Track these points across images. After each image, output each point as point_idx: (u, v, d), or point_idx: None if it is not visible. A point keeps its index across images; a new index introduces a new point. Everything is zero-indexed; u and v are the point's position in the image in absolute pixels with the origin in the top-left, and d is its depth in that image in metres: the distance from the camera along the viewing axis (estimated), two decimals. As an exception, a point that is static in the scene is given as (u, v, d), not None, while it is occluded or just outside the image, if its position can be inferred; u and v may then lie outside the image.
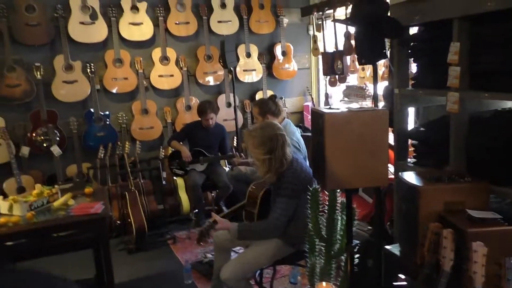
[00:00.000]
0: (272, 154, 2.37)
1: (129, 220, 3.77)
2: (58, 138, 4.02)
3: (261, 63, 4.88)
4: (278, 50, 4.96)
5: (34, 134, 4.04)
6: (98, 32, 4.15)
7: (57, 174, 4.01)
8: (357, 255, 2.24)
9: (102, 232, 2.41)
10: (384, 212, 2.78)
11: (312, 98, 5.14)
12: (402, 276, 1.76)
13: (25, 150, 4.03)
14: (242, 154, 3.97)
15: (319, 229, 2.39)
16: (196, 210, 4.08)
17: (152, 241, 3.89)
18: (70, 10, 4.03)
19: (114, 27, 4.19)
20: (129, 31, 4.29)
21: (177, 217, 4.33)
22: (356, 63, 4.41)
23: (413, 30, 2.41)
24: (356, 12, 2.14)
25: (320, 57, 4.79)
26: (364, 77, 4.39)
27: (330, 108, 1.92)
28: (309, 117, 5.13)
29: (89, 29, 4.12)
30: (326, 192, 2.31)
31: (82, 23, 4.08)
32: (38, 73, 3.96)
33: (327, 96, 5.03)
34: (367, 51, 2.11)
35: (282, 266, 3.02)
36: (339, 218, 2.38)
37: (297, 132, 3.31)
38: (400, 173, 2.09)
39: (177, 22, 4.47)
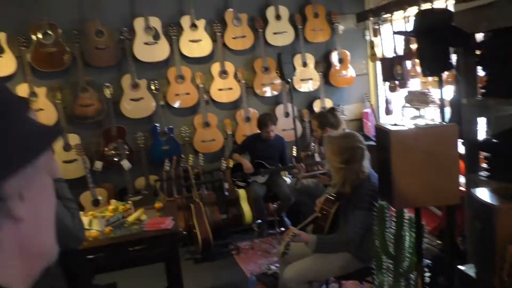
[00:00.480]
0: (349, 165, 2.37)
1: (194, 230, 3.92)
2: (127, 153, 4.28)
3: (317, 72, 4.86)
4: (334, 57, 4.92)
5: (106, 149, 4.32)
6: (160, 51, 4.37)
7: (128, 187, 4.26)
8: (428, 274, 2.18)
9: (172, 247, 2.54)
10: (455, 227, 2.66)
11: (371, 105, 5.03)
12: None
13: (98, 165, 4.32)
14: (302, 164, 3.98)
15: (386, 246, 2.34)
16: (259, 221, 4.15)
17: (216, 251, 4.00)
18: (135, 32, 4.28)
19: (175, 45, 4.38)
20: (189, 48, 4.46)
21: (239, 227, 4.42)
22: (417, 67, 4.27)
23: (479, 37, 2.30)
24: (419, 24, 2.09)
25: (378, 62, 4.69)
26: (426, 82, 4.22)
27: (395, 124, 1.89)
28: (369, 124, 5.04)
29: (153, 49, 4.34)
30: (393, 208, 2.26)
31: (146, 43, 4.32)
32: (108, 92, 4.24)
33: (387, 102, 4.89)
34: (431, 62, 2.05)
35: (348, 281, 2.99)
36: (407, 234, 2.32)
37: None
38: (472, 188, 2.00)
39: (234, 37, 4.58)
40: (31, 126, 0.43)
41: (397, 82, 4.35)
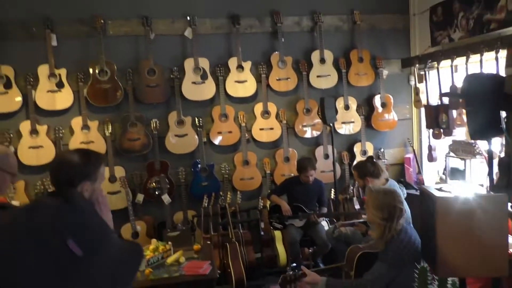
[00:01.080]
0: (388, 223, 2.36)
1: (229, 270, 3.92)
2: (168, 187, 4.41)
3: (359, 115, 4.87)
4: (377, 101, 4.91)
5: (148, 183, 4.47)
6: (207, 90, 4.54)
7: (167, 221, 4.36)
8: None
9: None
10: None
11: (413, 150, 4.95)
12: None
13: (140, 197, 4.47)
14: (339, 208, 3.94)
15: (428, 310, 2.26)
16: (294, 264, 4.11)
17: (249, 292, 3.97)
18: (184, 71, 4.48)
19: (221, 85, 4.54)
20: (234, 88, 4.61)
21: (273, 268, 4.37)
22: (463, 116, 4.18)
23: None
24: (468, 87, 2.08)
25: (422, 108, 4.63)
26: (473, 132, 4.12)
27: (441, 190, 1.86)
28: (410, 169, 4.94)
29: (200, 88, 4.52)
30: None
31: (194, 82, 4.50)
32: (154, 127, 4.42)
33: (430, 148, 4.80)
34: (481, 127, 2.02)
35: None
36: (450, 298, 2.24)
37: (402, 196, 3.20)
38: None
39: (278, 78, 4.69)
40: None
41: (441, 129, 4.27)
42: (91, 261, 0.48)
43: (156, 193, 4.43)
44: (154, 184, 4.46)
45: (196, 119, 4.53)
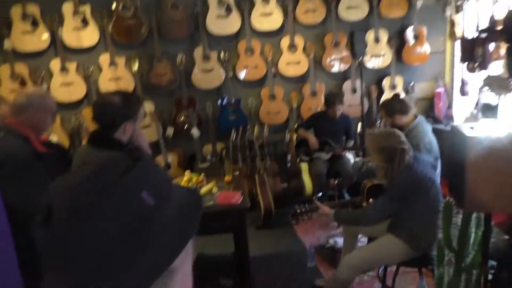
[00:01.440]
0: (390, 164, 2.42)
1: (257, 199, 4.12)
2: (196, 121, 4.51)
3: (390, 48, 4.71)
4: (409, 33, 4.71)
5: (177, 117, 4.58)
6: (232, 24, 4.44)
7: (196, 154, 4.52)
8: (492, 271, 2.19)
9: (241, 220, 2.73)
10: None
11: (445, 85, 4.82)
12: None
13: (170, 131, 4.60)
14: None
15: (450, 241, 2.36)
16: (320, 194, 4.26)
17: (276, 219, 4.18)
18: (208, 5, 4.37)
19: (246, 19, 4.43)
20: (260, 22, 4.49)
21: (300, 198, 4.56)
22: (501, 50, 4.01)
23: None
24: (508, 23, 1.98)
25: (457, 41, 4.44)
26: (509, 66, 3.96)
27: (472, 128, 1.86)
28: (440, 104, 4.86)
29: (224, 22, 4.43)
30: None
31: (218, 16, 4.40)
32: (181, 63, 4.43)
33: (463, 82, 4.68)
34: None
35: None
36: (473, 231, 2.33)
37: (430, 132, 3.19)
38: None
39: (306, 10, 4.53)
40: None
41: (476, 63, 4.11)
42: (162, 208, 0.54)
43: (185, 127, 4.56)
44: (183, 118, 4.57)
45: (222, 54, 4.49)
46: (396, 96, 3.47)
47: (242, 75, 4.63)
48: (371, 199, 2.80)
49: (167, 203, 0.56)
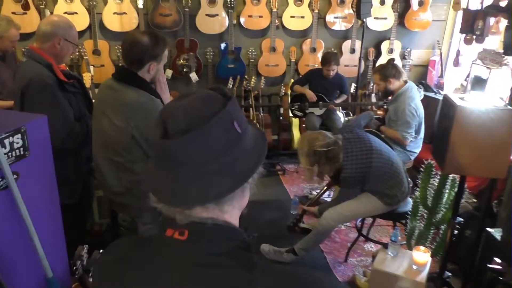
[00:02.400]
0: (320, 166, 2.64)
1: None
2: (196, 65, 4.58)
3: (394, 11, 4.76)
4: (415, -2, 4.75)
5: (177, 59, 4.62)
6: (241, -30, 4.40)
7: (193, 98, 4.61)
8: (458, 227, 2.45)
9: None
10: (494, 191, 2.86)
11: (441, 53, 4.94)
12: (498, 260, 1.96)
13: (168, 73, 4.66)
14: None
15: (426, 198, 2.61)
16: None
17: (265, 169, 4.39)
18: None
19: (256, -34, 4.39)
20: (269, -29, 4.46)
21: (288, 150, 4.77)
22: (500, 24, 4.12)
23: None
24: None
25: (460, 12, 4.51)
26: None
27: (463, 99, 2.03)
28: (433, 72, 5.00)
29: (234, -33, 4.38)
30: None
31: (228, -40, 4.34)
32: (186, 4, 4.41)
33: (458, 53, 4.81)
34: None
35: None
36: (447, 192, 2.57)
37: (418, 98, 3.35)
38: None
39: (316, -36, 4.49)
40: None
41: (474, 36, 4.23)
42: (245, 137, 0.71)
43: (184, 70, 4.62)
44: (182, 61, 4.62)
45: (229, 0, 4.48)
46: (391, 61, 3.60)
47: (246, 23, 4.64)
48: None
49: (246, 134, 0.72)
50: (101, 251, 1.47)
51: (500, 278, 1.87)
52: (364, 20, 4.18)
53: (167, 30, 4.51)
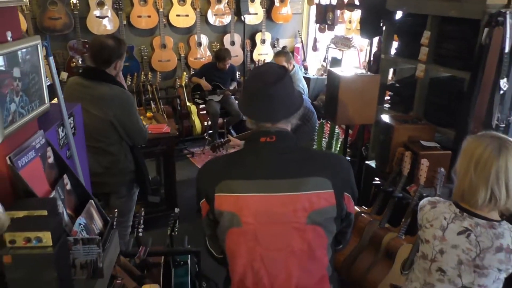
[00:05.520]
0: None
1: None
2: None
3: (262, 7, 5.62)
4: (277, -5, 5.69)
5: (71, 62, 4.72)
6: (127, -27, 4.70)
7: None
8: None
9: (171, 146, 3.37)
10: (362, 140, 3.91)
11: (302, 41, 6.01)
12: (377, 179, 2.89)
13: (64, 75, 4.67)
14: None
15: (322, 148, 3.49)
16: (210, 131, 5.06)
17: (175, 154, 4.85)
18: (104, -48, 4.53)
19: (141, -30, 4.74)
20: (153, -26, 4.86)
21: (191, 136, 5.30)
22: (345, 15, 5.30)
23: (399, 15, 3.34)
24: (363, 0, 3.04)
25: (313, 6, 5.59)
26: (350, 29, 5.31)
27: (342, 71, 2.90)
28: (299, 57, 6.05)
29: (120, -29, 4.66)
30: (329, 125, 3.38)
31: (113, -36, 4.61)
32: (75, 7, 4.54)
33: (315, 40, 5.92)
34: (369, 28, 3.05)
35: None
36: (334, 143, 3.49)
37: (303, 79, 4.24)
38: (380, 114, 3.15)
39: (194, -33, 5.05)
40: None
41: (326, 25, 5.35)
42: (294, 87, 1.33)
43: (80, 71, 4.73)
44: (77, 63, 4.73)
45: (116, 1, 4.74)
46: (285, 48, 4.40)
47: (135, 23, 4.96)
48: None
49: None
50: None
51: (381, 187, 2.79)
52: (245, 17, 4.92)
53: (58, 33, 4.58)
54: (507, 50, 2.43)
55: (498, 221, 1.40)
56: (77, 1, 4.54)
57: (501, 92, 2.55)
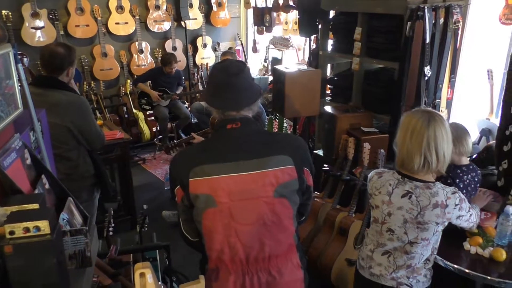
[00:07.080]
0: None
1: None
2: (31, 79, 4.59)
3: (201, 12, 5.74)
4: (213, 0, 5.83)
5: (7, 75, 4.54)
6: (61, -18, 4.62)
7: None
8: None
9: (126, 150, 3.40)
10: (308, 132, 4.15)
11: (241, 43, 6.21)
12: (326, 165, 3.13)
13: (0, 90, 4.53)
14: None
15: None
16: (160, 136, 5.09)
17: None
18: (35, -39, 4.43)
19: (76, -21, 4.68)
20: (88, -18, 4.81)
21: (139, 143, 5.29)
22: (281, 17, 5.57)
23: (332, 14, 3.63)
24: (300, 2, 3.28)
25: (250, 10, 5.81)
26: (287, 30, 5.58)
27: (286, 68, 3.11)
28: (240, 59, 6.23)
29: (53, -20, 4.57)
30: (278, 120, 3.58)
31: (46, -26, 4.51)
32: (8, 19, 4.39)
33: (254, 42, 6.14)
34: (306, 28, 3.30)
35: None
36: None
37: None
38: (323, 106, 3.41)
39: (130, -25, 5.07)
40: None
41: (264, 27, 5.58)
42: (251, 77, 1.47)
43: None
44: (14, 76, 4.56)
45: (52, 12, 4.64)
46: (231, 48, 4.55)
47: (74, 33, 4.88)
48: None
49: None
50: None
51: (330, 173, 3.03)
52: (185, 22, 5.02)
53: (-9, 46, 4.39)
54: (428, 40, 2.77)
55: (433, 182, 1.65)
56: (9, 13, 4.39)
57: (426, 78, 2.90)
